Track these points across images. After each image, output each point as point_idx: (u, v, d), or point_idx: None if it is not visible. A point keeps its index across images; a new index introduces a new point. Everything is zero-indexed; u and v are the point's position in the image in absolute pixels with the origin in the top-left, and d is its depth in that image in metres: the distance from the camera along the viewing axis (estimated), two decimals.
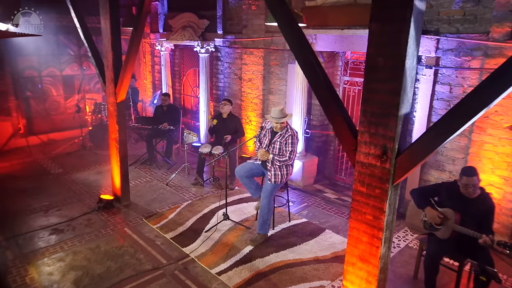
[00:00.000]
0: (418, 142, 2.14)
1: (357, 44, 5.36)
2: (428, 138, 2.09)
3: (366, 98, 2.29)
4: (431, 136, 2.08)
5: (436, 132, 2.05)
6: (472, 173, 3.35)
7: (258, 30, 6.76)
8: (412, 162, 2.18)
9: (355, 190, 2.45)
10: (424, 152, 2.13)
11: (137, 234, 4.70)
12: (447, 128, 2.00)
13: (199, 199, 5.72)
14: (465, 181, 3.34)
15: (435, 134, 2.06)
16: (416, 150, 2.15)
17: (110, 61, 5.06)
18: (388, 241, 2.44)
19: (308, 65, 2.63)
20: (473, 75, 4.40)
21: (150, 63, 9.92)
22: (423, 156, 2.14)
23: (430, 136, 2.08)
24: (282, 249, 4.39)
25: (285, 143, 4.39)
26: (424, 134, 2.11)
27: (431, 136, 2.08)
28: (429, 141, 2.09)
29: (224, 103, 6.29)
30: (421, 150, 2.14)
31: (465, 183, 3.35)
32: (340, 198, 5.89)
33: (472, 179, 3.34)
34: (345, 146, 2.49)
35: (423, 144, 2.12)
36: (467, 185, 3.34)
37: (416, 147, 2.15)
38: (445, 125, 2.01)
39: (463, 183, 3.36)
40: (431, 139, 2.07)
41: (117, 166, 5.41)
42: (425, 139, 2.10)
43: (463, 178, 3.36)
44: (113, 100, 5.19)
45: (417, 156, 2.16)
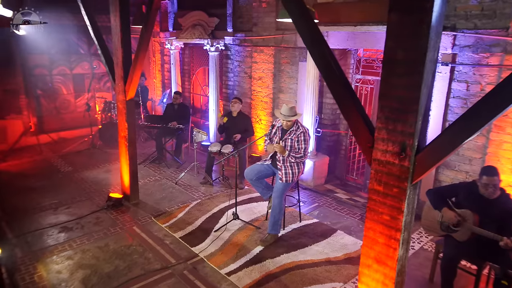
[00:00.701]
0: (441, 138, 2.03)
1: (370, 41, 5.24)
2: (452, 134, 1.98)
3: (384, 93, 2.20)
4: (455, 132, 1.97)
5: (460, 127, 1.94)
6: (493, 173, 3.22)
7: (269, 28, 6.68)
8: (433, 159, 2.08)
9: (371, 189, 2.36)
10: (447, 149, 2.02)
11: (146, 233, 4.65)
12: (473, 122, 1.89)
13: (208, 198, 5.65)
14: (486, 180, 3.21)
15: (459, 129, 1.95)
16: (438, 146, 2.05)
17: (119, 58, 5.03)
18: (406, 243, 2.34)
19: (322, 58, 2.54)
20: (492, 72, 4.25)
21: (159, 62, 9.91)
22: (446, 153, 2.04)
23: (453, 131, 1.97)
24: (292, 250, 4.30)
25: (297, 140, 4.30)
26: (447, 129, 2.00)
27: (455, 132, 1.97)
28: (453, 137, 1.98)
29: (234, 102, 6.22)
30: (443, 147, 2.03)
31: (485, 183, 3.22)
32: (351, 199, 5.77)
33: (493, 179, 3.21)
34: (361, 143, 2.40)
35: (446, 140, 2.01)
36: (487, 185, 3.22)
37: (438, 143, 2.04)
38: (470, 119, 1.90)
39: (483, 183, 3.23)
40: (455, 135, 1.97)
41: (126, 165, 5.38)
42: (448, 134, 1.99)
43: (483, 177, 3.23)
44: (123, 97, 5.16)
45: (439, 153, 2.05)
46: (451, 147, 2.01)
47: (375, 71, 5.76)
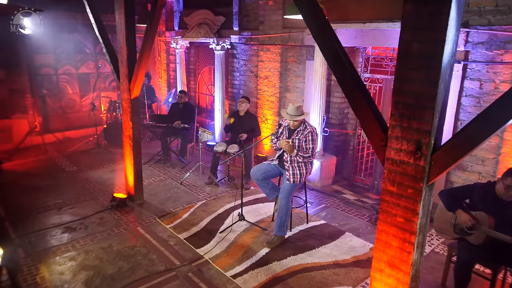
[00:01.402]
0: (459, 135, 1.92)
1: (379, 38, 5.12)
2: (472, 131, 1.86)
3: (398, 88, 2.09)
4: (475, 129, 1.85)
5: (481, 124, 1.83)
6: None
7: (275, 26, 6.58)
8: (451, 158, 1.96)
9: (384, 189, 2.25)
10: (466, 147, 1.90)
11: (150, 234, 4.57)
12: (495, 118, 1.77)
13: (213, 199, 5.57)
14: (510, 182, 3.07)
15: (480, 125, 1.83)
16: (456, 145, 1.93)
17: (124, 56, 4.96)
18: (421, 246, 2.22)
19: (332, 53, 2.43)
20: (506, 70, 4.12)
21: (165, 61, 9.86)
22: (465, 151, 1.92)
23: (474, 128, 1.86)
24: (300, 252, 4.19)
25: (305, 140, 4.19)
26: (467, 126, 1.89)
27: (475, 129, 1.85)
28: (473, 134, 1.86)
29: (242, 101, 6.13)
30: (462, 145, 1.91)
31: (508, 185, 3.08)
32: (359, 200, 5.65)
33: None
34: (374, 141, 2.29)
35: (465, 137, 1.89)
36: (510, 187, 3.08)
37: (456, 141, 1.93)
38: (492, 114, 1.78)
39: (507, 184, 3.09)
40: (475, 132, 1.85)
41: (130, 164, 5.31)
42: (468, 132, 1.88)
43: (508, 179, 3.08)
44: (127, 96, 5.09)
45: (457, 151, 1.94)
46: (470, 145, 1.90)
47: (384, 70, 5.63)
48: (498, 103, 1.77)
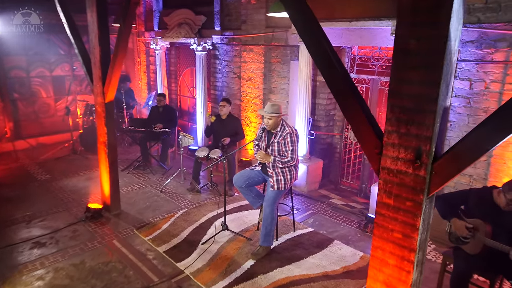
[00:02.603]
0: (464, 142, 1.71)
1: (366, 37, 4.95)
2: (479, 137, 1.66)
3: (395, 90, 1.87)
4: (483, 134, 1.65)
5: (489, 128, 1.62)
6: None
7: (258, 25, 6.35)
8: (455, 167, 1.76)
9: (380, 202, 2.03)
10: (472, 155, 1.70)
11: (126, 247, 4.26)
12: (506, 121, 1.57)
13: (195, 207, 5.28)
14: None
15: (488, 130, 1.63)
16: (461, 152, 1.72)
17: (97, 57, 4.65)
18: (420, 264, 2.01)
19: (320, 51, 2.20)
20: (497, 69, 3.98)
21: (145, 63, 9.51)
22: (470, 159, 1.72)
23: (481, 134, 1.65)
24: (287, 264, 3.95)
25: (284, 142, 3.95)
26: (473, 132, 1.68)
27: (483, 134, 1.65)
28: (480, 141, 1.66)
29: (223, 105, 5.87)
30: (467, 152, 1.71)
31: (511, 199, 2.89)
32: (347, 205, 5.46)
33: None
34: (367, 148, 2.07)
35: (471, 144, 1.69)
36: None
37: (461, 148, 1.72)
38: (503, 118, 1.58)
39: (510, 198, 2.89)
40: (483, 138, 1.65)
41: (106, 172, 4.98)
42: (474, 137, 1.67)
43: (510, 193, 2.87)
44: (101, 100, 4.77)
45: (461, 160, 1.73)
46: (476, 153, 1.69)
47: (371, 70, 5.46)
48: (509, 105, 1.57)
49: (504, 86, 3.93)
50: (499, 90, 3.98)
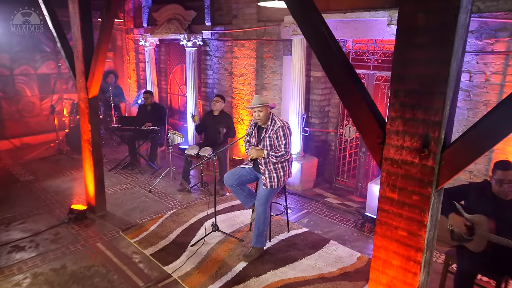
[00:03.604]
0: (477, 128, 1.53)
1: (361, 30, 4.78)
2: (493, 121, 1.48)
3: (398, 72, 1.69)
4: (497, 118, 1.47)
5: (505, 112, 1.44)
6: (508, 167, 2.76)
7: (250, 19, 6.16)
8: (467, 156, 1.58)
9: (383, 196, 1.84)
10: (486, 142, 1.52)
11: (111, 250, 4.02)
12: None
13: (185, 207, 5.06)
14: (500, 175, 2.75)
15: (504, 114, 1.45)
16: (473, 139, 1.54)
17: (80, 51, 4.41)
18: (428, 265, 1.83)
19: (316, 34, 2.01)
20: (498, 60, 3.83)
21: (134, 60, 9.25)
22: (484, 147, 1.54)
23: (495, 117, 1.47)
24: (281, 266, 3.75)
25: (276, 136, 3.75)
26: (487, 116, 1.50)
27: (497, 118, 1.47)
28: (495, 125, 1.48)
29: (216, 100, 5.65)
30: (480, 139, 1.53)
31: (499, 179, 2.76)
32: (343, 204, 5.27)
33: (508, 173, 2.74)
34: (368, 138, 1.88)
35: (485, 130, 1.50)
36: (502, 180, 2.75)
37: (473, 135, 1.54)
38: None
39: (497, 178, 2.77)
40: (498, 122, 1.47)
41: (90, 172, 4.74)
42: (489, 122, 1.49)
43: (497, 172, 2.76)
44: (84, 95, 4.53)
45: (474, 148, 1.55)
46: (491, 139, 1.51)
47: (366, 64, 5.29)
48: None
49: (506, 77, 3.78)
50: (500, 82, 3.83)
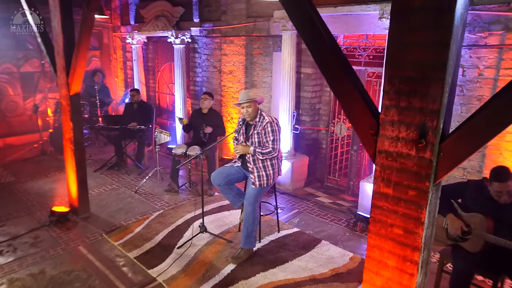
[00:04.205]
0: (479, 116, 1.41)
1: (352, 24, 4.67)
2: (496, 109, 1.36)
3: (393, 58, 1.56)
4: (501, 105, 1.35)
5: (509, 99, 1.33)
6: (505, 177, 2.61)
7: (239, 15, 6.02)
8: (468, 147, 1.46)
9: (376, 192, 1.71)
10: (489, 131, 1.40)
11: (93, 254, 3.84)
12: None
13: (172, 208, 4.89)
14: (497, 187, 2.62)
15: (508, 101, 1.33)
16: (475, 128, 1.42)
17: (60, 46, 4.23)
18: (425, 265, 1.70)
19: (304, 18, 1.89)
20: (491, 54, 3.75)
21: (121, 59, 9.06)
22: (486, 136, 1.42)
23: (499, 105, 1.35)
24: (270, 267, 3.61)
25: (264, 132, 3.61)
26: (488, 104, 1.38)
27: (501, 105, 1.35)
28: (498, 113, 1.36)
29: (205, 98, 5.50)
30: (483, 128, 1.41)
31: (497, 190, 2.63)
32: (335, 203, 5.16)
33: (506, 185, 2.60)
34: (361, 129, 1.75)
35: (488, 118, 1.39)
36: (500, 192, 2.63)
37: (475, 124, 1.42)
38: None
39: (495, 190, 2.64)
40: (501, 110, 1.35)
41: (72, 172, 4.55)
42: (491, 110, 1.37)
43: (494, 184, 2.63)
44: (66, 92, 4.35)
45: (476, 137, 1.43)
46: (494, 128, 1.39)
47: (357, 61, 5.18)
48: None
49: (499, 72, 3.69)
50: (494, 77, 3.75)
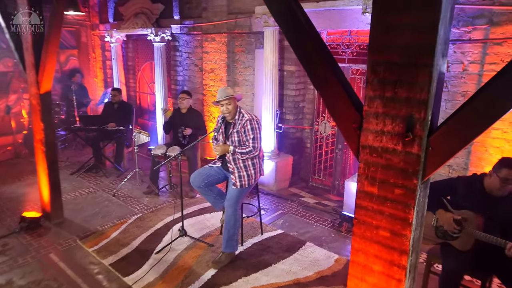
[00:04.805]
0: (471, 105, 1.28)
1: (335, 20, 4.57)
2: (491, 95, 1.24)
3: (378, 42, 1.43)
4: (496, 92, 1.23)
5: (505, 84, 1.20)
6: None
7: (220, 12, 5.86)
8: (459, 140, 1.33)
9: (360, 191, 1.57)
10: (482, 121, 1.28)
11: (65, 262, 3.61)
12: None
13: (151, 211, 4.69)
14: (506, 174, 2.52)
15: (504, 87, 1.21)
16: (466, 119, 1.30)
17: (29, 42, 3.99)
18: (413, 269, 1.57)
19: (283, 8, 1.74)
20: (475, 49, 3.68)
21: (100, 58, 8.77)
22: (479, 127, 1.30)
23: (493, 91, 1.23)
24: (253, 271, 3.45)
25: (244, 130, 3.46)
26: (484, 89, 1.26)
27: (496, 92, 1.23)
28: (493, 100, 1.24)
29: (183, 97, 5.32)
30: (475, 119, 1.28)
31: (505, 177, 2.52)
32: (320, 203, 5.04)
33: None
34: (343, 123, 1.61)
35: (481, 107, 1.26)
36: (507, 180, 2.53)
37: (466, 114, 1.30)
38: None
39: (503, 177, 2.53)
40: (497, 97, 1.22)
41: (44, 175, 4.31)
42: (485, 97, 1.25)
43: (503, 171, 2.53)
44: (35, 91, 4.11)
45: (467, 129, 1.30)
46: (488, 118, 1.27)
47: (341, 57, 5.08)
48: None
49: (484, 67, 3.63)
50: (478, 72, 3.68)
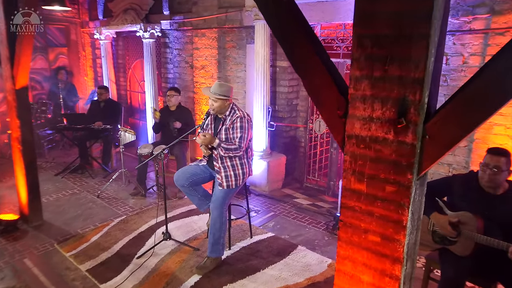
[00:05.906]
0: (474, 84, 1.07)
1: (329, 12, 4.35)
2: (497, 72, 1.02)
3: (363, 12, 1.21)
4: (503, 68, 1.01)
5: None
6: (500, 152, 2.37)
7: (210, 6, 5.65)
8: (461, 126, 1.11)
9: (346, 189, 1.35)
10: (489, 103, 1.06)
11: (40, 267, 3.38)
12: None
13: (136, 214, 4.46)
14: (487, 159, 2.36)
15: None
16: (470, 101, 1.08)
17: (4, 34, 3.77)
18: (409, 280, 1.35)
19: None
20: (476, 40, 3.47)
21: (90, 56, 8.56)
22: (486, 111, 1.08)
23: (500, 67, 1.01)
24: (240, 277, 3.22)
25: (232, 127, 3.24)
26: (489, 65, 1.04)
27: (503, 68, 1.01)
28: (500, 78, 1.02)
29: (171, 94, 5.10)
30: (480, 101, 1.06)
31: (486, 163, 2.37)
32: (314, 204, 4.82)
33: (497, 159, 2.33)
34: (327, 110, 1.39)
35: (486, 86, 1.04)
36: (487, 165, 2.35)
37: (469, 95, 1.08)
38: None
39: (484, 162, 2.38)
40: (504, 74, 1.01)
41: (22, 175, 4.09)
42: (491, 74, 1.03)
43: (486, 157, 2.38)
44: (11, 86, 3.88)
45: (471, 113, 1.09)
46: (496, 99, 1.05)
47: (335, 52, 4.87)
48: None
49: (485, 59, 3.42)
50: (479, 65, 3.47)
